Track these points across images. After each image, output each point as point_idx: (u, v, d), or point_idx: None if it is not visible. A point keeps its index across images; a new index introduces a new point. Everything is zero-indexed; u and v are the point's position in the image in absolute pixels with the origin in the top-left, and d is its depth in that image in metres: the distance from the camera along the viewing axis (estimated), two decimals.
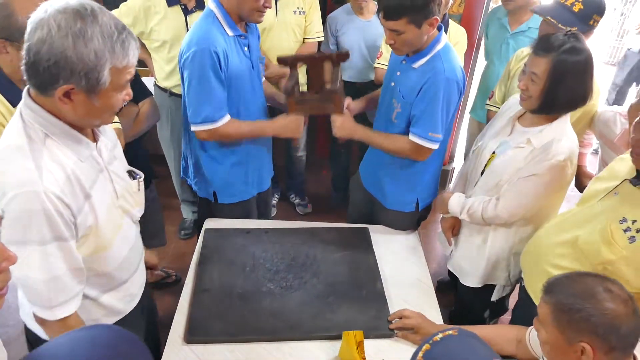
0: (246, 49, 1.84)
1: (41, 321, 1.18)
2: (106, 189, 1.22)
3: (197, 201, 3.06)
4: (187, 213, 3.15)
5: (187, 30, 2.36)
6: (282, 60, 1.88)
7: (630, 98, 4.42)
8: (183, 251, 2.97)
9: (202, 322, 1.54)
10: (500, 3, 2.70)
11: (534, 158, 1.62)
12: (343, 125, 1.89)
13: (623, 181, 1.42)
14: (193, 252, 1.87)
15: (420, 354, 0.88)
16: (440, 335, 0.91)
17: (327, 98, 1.87)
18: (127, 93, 1.12)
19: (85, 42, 0.98)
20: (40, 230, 1.05)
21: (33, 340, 1.34)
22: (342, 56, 1.91)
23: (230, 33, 1.76)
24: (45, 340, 1.25)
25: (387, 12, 1.63)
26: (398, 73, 1.85)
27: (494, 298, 1.93)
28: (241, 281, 1.69)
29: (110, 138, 1.30)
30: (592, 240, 1.41)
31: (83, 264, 1.18)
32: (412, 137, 1.81)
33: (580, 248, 1.44)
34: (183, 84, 1.83)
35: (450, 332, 0.92)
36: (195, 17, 2.40)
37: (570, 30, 1.55)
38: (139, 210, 1.39)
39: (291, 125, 1.91)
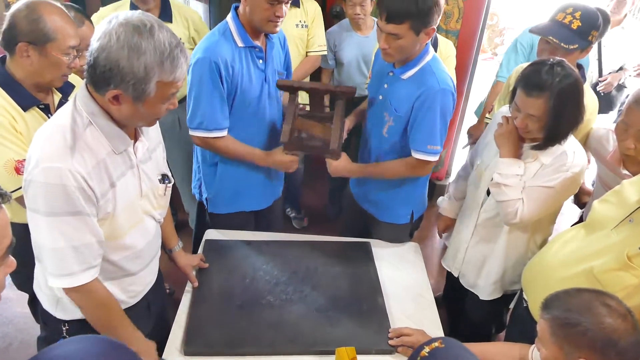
0: (260, 61, 1.83)
1: (65, 290, 1.25)
2: (133, 184, 1.31)
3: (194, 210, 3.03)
4: None
5: None
6: (282, 87, 1.84)
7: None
8: None
9: (200, 333, 1.51)
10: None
11: (545, 170, 1.63)
12: (337, 168, 1.89)
13: (637, 208, 1.40)
14: None
15: None
16: (427, 349, 0.89)
17: (326, 150, 1.83)
18: (171, 103, 1.22)
19: (138, 55, 1.09)
20: (53, 204, 1.13)
21: (44, 317, 1.43)
22: (346, 93, 1.81)
23: (240, 44, 1.77)
24: (56, 318, 1.37)
25: (390, 15, 1.59)
26: (386, 86, 1.83)
27: (512, 305, 1.89)
28: (240, 293, 1.68)
29: (152, 140, 1.40)
30: (608, 268, 1.39)
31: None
32: (412, 154, 1.81)
33: (597, 278, 1.40)
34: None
35: (435, 344, 0.90)
36: None
37: (552, 60, 1.55)
38: (160, 213, 1.47)
39: (286, 164, 1.92)
